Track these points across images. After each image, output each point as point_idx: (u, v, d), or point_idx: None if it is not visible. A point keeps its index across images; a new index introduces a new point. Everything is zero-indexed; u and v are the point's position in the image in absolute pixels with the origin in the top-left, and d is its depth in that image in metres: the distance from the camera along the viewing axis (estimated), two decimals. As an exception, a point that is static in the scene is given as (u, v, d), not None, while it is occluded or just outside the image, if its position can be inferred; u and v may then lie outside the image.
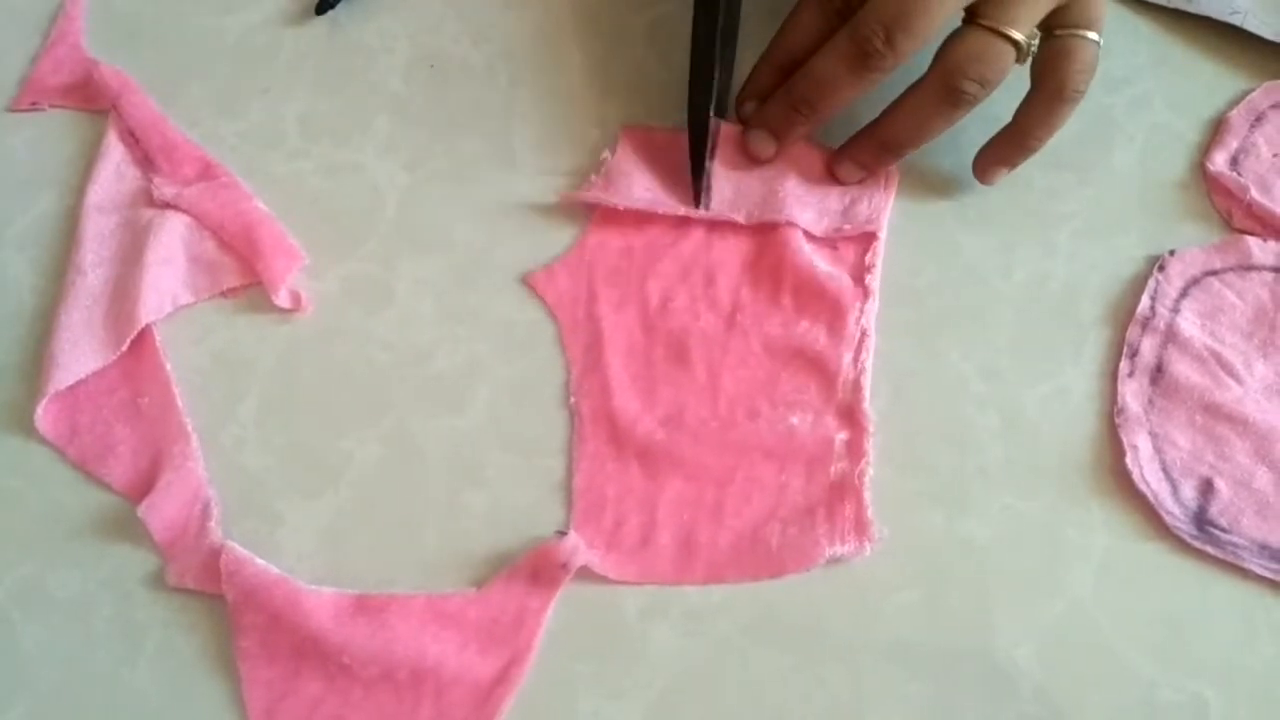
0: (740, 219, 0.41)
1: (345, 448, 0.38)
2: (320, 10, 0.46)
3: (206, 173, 0.42)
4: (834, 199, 0.42)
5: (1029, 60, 0.39)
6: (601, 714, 0.34)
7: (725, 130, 0.43)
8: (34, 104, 0.44)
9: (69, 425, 0.38)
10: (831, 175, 0.42)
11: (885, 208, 0.42)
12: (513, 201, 0.43)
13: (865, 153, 0.41)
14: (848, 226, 0.41)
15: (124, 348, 0.38)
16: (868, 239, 0.41)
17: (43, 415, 0.37)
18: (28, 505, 0.37)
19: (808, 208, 0.41)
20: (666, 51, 0.46)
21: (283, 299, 0.39)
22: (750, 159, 0.42)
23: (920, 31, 0.38)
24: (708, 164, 0.42)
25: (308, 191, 0.43)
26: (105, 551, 0.36)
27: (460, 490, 0.37)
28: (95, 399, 0.38)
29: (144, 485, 0.37)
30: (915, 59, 0.39)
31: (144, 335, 0.39)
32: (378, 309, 0.40)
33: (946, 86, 0.38)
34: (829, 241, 0.41)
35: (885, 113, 0.41)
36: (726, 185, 0.42)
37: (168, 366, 0.39)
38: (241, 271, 0.40)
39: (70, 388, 0.38)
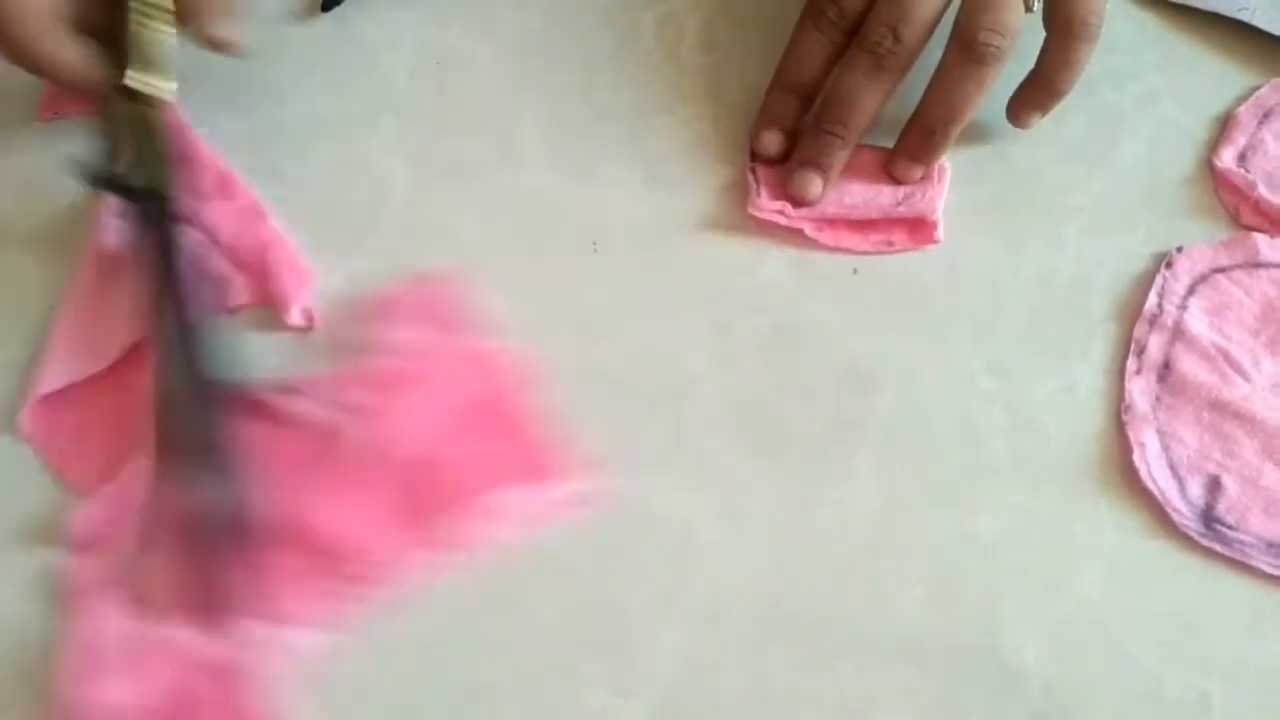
0: (782, 220, 0.41)
1: (352, 445, 0.38)
2: (326, 8, 0.46)
3: (224, 188, 0.42)
4: (885, 196, 0.42)
5: (1037, 8, 0.40)
6: (609, 712, 0.34)
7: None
8: (55, 113, 0.44)
9: (52, 428, 0.38)
10: (889, 176, 0.42)
11: (939, 198, 0.42)
12: (518, 198, 0.43)
13: (914, 144, 0.41)
14: (902, 208, 0.41)
15: (115, 357, 0.38)
16: (926, 228, 0.41)
17: (28, 415, 0.37)
18: (34, 503, 0.37)
19: (855, 198, 0.42)
20: (674, 47, 0.46)
21: (295, 317, 0.39)
22: (797, 201, 0.42)
23: (921, 19, 0.39)
24: (751, 164, 0.42)
25: (313, 189, 0.43)
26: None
27: (468, 488, 0.37)
28: (83, 405, 0.38)
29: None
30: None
31: (142, 346, 0.38)
32: (384, 306, 0.40)
33: (967, 47, 0.39)
34: (883, 236, 0.41)
35: (923, 97, 0.41)
36: (773, 186, 0.42)
37: None
38: (251, 291, 0.40)
39: (61, 392, 0.38)
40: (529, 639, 0.35)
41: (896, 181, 0.42)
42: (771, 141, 0.42)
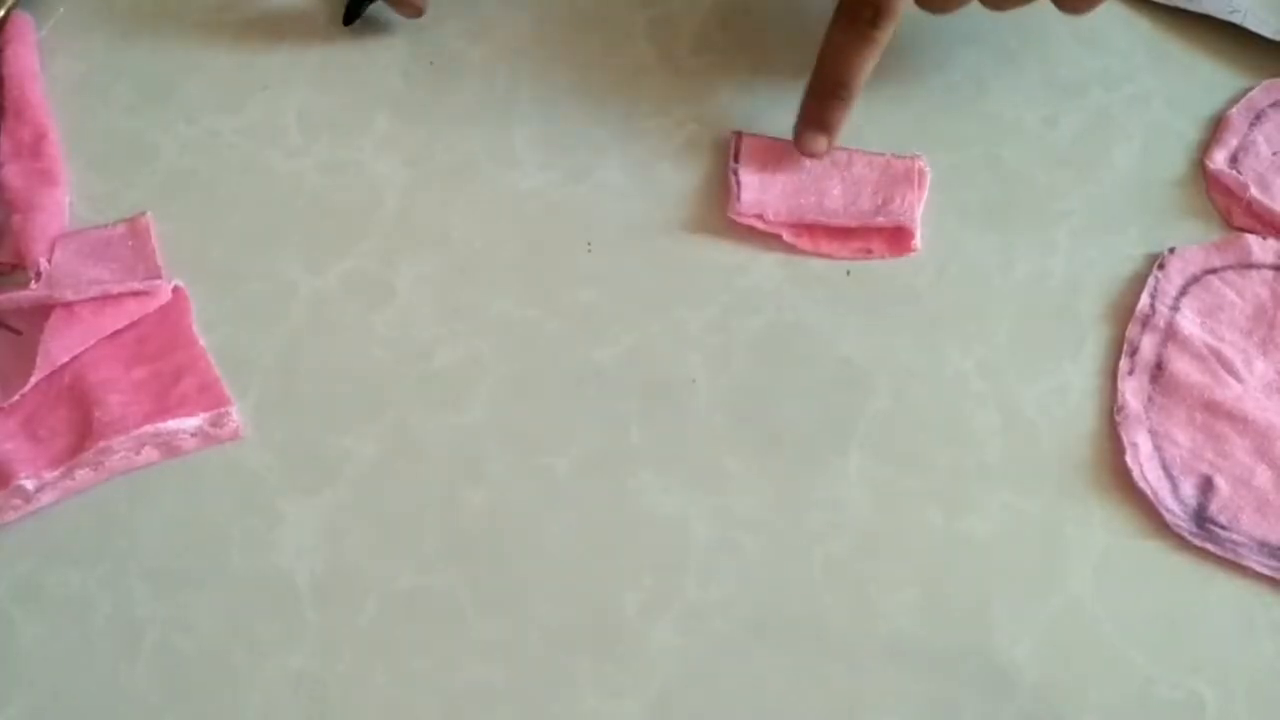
0: (760, 225, 0.41)
1: (345, 445, 0.38)
2: (347, 21, 0.46)
3: (35, 145, 0.43)
4: (865, 201, 0.42)
5: None
6: (601, 712, 0.34)
7: (749, 140, 0.43)
8: None
9: None
10: (798, 150, 0.42)
11: (918, 204, 0.42)
12: (513, 198, 0.43)
13: (813, 111, 0.41)
14: (881, 219, 0.41)
15: None
16: (905, 237, 0.41)
17: None
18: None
19: (835, 203, 0.42)
20: (668, 48, 0.46)
21: (35, 271, 0.40)
22: (808, 156, 0.42)
23: None
24: (734, 165, 0.42)
25: (307, 188, 0.43)
26: (104, 549, 0.36)
27: (459, 487, 0.37)
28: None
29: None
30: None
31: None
32: (378, 306, 0.40)
33: (847, 9, 0.40)
34: (862, 244, 0.41)
35: (816, 62, 0.41)
36: (753, 190, 0.42)
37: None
38: (7, 250, 0.41)
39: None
40: (521, 639, 0.35)
41: (803, 154, 0.42)
42: (820, 144, 0.42)
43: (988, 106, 0.42)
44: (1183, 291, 0.41)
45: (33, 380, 0.38)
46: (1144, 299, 0.40)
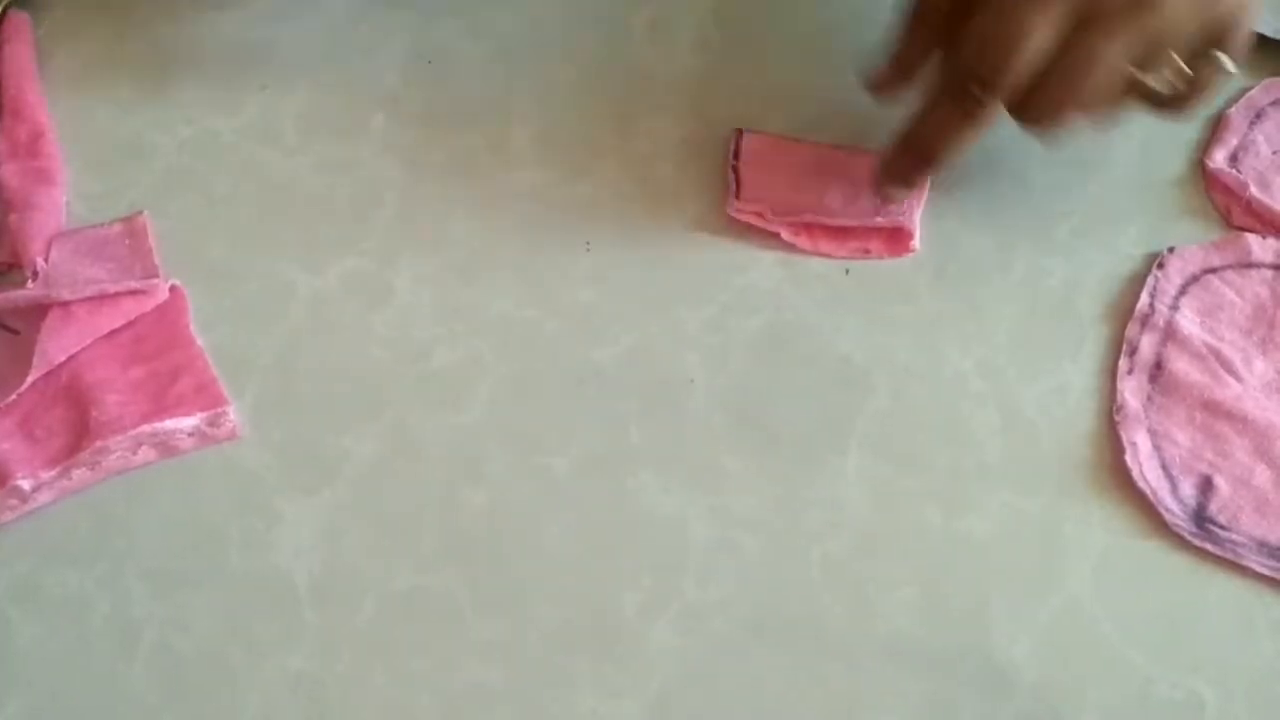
0: (759, 222, 0.41)
1: (344, 444, 0.38)
2: None
3: (32, 144, 0.43)
4: (865, 200, 0.42)
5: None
6: (600, 713, 0.34)
7: (750, 137, 0.43)
8: None
9: None
10: (873, 190, 0.41)
11: (918, 207, 0.42)
12: (511, 197, 0.43)
13: (906, 167, 0.40)
14: (880, 219, 0.41)
15: None
16: (903, 237, 0.41)
17: None
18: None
19: (835, 201, 0.42)
20: (667, 48, 0.46)
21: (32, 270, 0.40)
22: (886, 201, 0.41)
23: (1013, 65, 0.35)
24: (734, 162, 0.42)
25: (306, 188, 0.43)
26: (102, 549, 0.36)
27: (459, 487, 0.37)
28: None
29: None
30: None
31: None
32: (376, 305, 0.40)
33: (956, 89, 0.37)
34: (860, 244, 0.41)
35: (918, 120, 0.39)
36: (752, 187, 0.42)
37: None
38: (7, 250, 0.41)
39: None
40: (520, 639, 0.35)
41: (881, 199, 0.41)
42: (902, 196, 0.41)
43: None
44: (1182, 291, 0.41)
45: (29, 380, 0.37)
46: (1143, 298, 0.40)
